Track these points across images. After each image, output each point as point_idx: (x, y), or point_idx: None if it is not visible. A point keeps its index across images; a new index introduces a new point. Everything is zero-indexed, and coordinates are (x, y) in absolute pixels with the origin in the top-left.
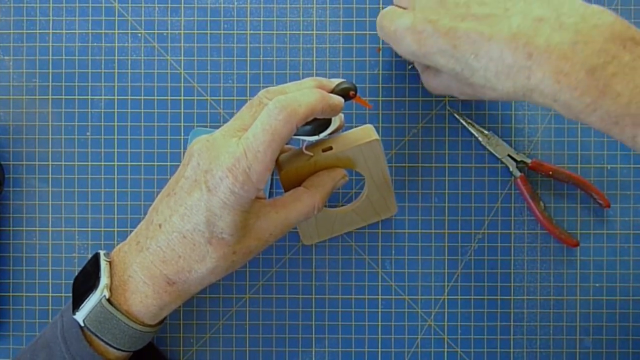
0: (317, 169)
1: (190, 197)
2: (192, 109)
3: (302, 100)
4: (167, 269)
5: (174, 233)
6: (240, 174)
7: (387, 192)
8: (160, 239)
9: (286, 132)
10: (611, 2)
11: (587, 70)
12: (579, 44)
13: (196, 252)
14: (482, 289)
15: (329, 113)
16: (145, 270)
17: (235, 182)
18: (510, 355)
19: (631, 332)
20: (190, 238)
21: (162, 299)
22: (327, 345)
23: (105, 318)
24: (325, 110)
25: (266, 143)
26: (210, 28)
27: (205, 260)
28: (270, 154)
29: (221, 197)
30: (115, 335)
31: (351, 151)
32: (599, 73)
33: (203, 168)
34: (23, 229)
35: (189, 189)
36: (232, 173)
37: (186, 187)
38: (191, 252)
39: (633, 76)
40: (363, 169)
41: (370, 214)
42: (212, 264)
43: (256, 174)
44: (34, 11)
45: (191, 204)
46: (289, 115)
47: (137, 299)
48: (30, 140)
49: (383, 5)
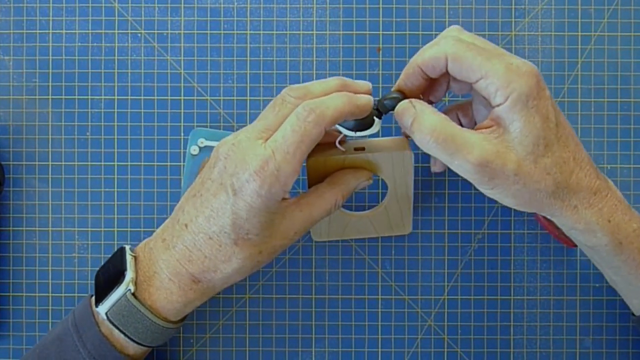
0: (344, 166)
1: (216, 199)
2: (192, 109)
3: (330, 104)
4: (193, 268)
5: (200, 234)
6: (268, 176)
7: (406, 208)
8: (187, 238)
9: (315, 134)
10: (611, 2)
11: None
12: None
13: (222, 252)
14: (482, 289)
15: (358, 114)
16: (171, 268)
17: (263, 184)
18: (510, 355)
19: (631, 332)
20: (216, 239)
21: (187, 296)
22: (327, 345)
23: (130, 312)
24: (354, 113)
25: (295, 144)
26: (210, 28)
27: (231, 261)
28: (299, 156)
29: (247, 200)
30: (137, 330)
31: (382, 156)
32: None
33: (229, 171)
34: (23, 229)
35: (215, 192)
36: (259, 176)
37: (212, 190)
38: (217, 252)
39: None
40: (388, 178)
41: (384, 226)
42: (238, 264)
43: (284, 176)
44: (34, 11)
45: (217, 207)
46: (318, 118)
47: (162, 295)
48: (30, 140)
49: (383, 5)
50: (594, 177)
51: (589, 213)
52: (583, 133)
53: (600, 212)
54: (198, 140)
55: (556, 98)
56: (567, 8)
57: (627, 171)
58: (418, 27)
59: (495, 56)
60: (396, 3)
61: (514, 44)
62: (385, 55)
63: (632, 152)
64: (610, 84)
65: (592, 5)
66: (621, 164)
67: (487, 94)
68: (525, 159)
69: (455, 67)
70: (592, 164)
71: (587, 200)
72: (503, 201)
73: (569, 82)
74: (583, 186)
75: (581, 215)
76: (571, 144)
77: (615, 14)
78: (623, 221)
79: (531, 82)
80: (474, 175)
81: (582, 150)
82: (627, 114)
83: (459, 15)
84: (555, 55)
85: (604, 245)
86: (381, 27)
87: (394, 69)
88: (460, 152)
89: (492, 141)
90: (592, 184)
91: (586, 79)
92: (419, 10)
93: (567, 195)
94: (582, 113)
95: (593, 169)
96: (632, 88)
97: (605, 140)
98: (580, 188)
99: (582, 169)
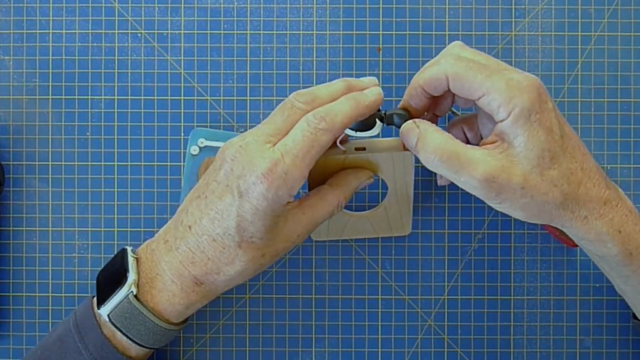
0: (344, 166)
1: (222, 201)
2: (192, 109)
3: (339, 110)
4: (196, 270)
5: (204, 236)
6: (275, 179)
7: (405, 209)
8: (190, 240)
9: (325, 141)
10: (611, 2)
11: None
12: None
13: (225, 255)
14: (482, 289)
15: (367, 115)
16: (174, 270)
17: (270, 187)
18: (510, 355)
19: (631, 332)
20: (220, 241)
21: (189, 298)
22: (327, 345)
23: (132, 314)
24: (363, 115)
25: (305, 149)
26: (210, 28)
27: (234, 263)
28: (308, 161)
29: (253, 203)
30: (139, 332)
31: (382, 156)
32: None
33: (236, 173)
34: (23, 229)
35: (220, 194)
36: (266, 178)
37: (217, 192)
38: (220, 255)
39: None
40: (389, 178)
41: (383, 227)
42: (241, 266)
43: (292, 180)
44: (34, 11)
45: (222, 209)
46: (329, 125)
47: (164, 297)
48: (30, 140)
49: (383, 5)
50: (603, 187)
51: (599, 224)
52: (583, 133)
53: (611, 223)
54: (198, 140)
55: (556, 98)
56: (567, 8)
57: (627, 171)
58: (418, 27)
59: (496, 72)
60: (396, 3)
61: (514, 44)
62: (385, 55)
63: (632, 152)
64: (610, 84)
65: (592, 5)
66: (621, 164)
67: (489, 111)
68: (531, 172)
69: (456, 86)
70: (601, 173)
71: (597, 210)
72: (512, 214)
73: (569, 82)
74: (592, 196)
75: (591, 226)
76: (578, 155)
77: (615, 14)
78: (634, 231)
79: (533, 96)
80: (481, 191)
81: (590, 160)
82: (627, 114)
83: (459, 15)
84: (555, 55)
85: (614, 255)
86: (381, 27)
87: (394, 69)
88: (466, 169)
89: (496, 156)
90: (601, 194)
91: (586, 79)
92: (419, 10)
93: (576, 206)
94: (582, 113)
95: (602, 178)
96: (632, 88)
97: (605, 140)
98: (590, 198)
99: (590, 179)
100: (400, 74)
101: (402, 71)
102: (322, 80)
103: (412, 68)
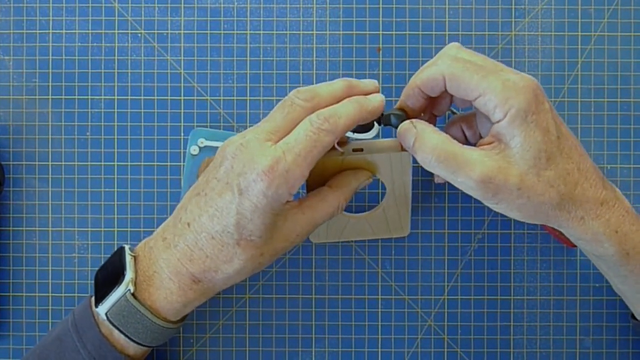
0: (342, 168)
1: (221, 198)
2: (192, 109)
3: (342, 112)
4: (194, 267)
5: (202, 233)
6: (276, 177)
7: (404, 210)
8: (189, 237)
9: (327, 142)
10: (611, 2)
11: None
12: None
13: (224, 252)
14: (482, 289)
15: (369, 119)
16: (172, 267)
17: (270, 184)
18: (510, 355)
19: (631, 332)
20: (219, 239)
21: (187, 296)
22: (327, 345)
23: (129, 312)
24: (365, 119)
25: (307, 149)
26: (210, 28)
27: (232, 261)
28: (310, 160)
29: (253, 201)
30: (137, 330)
31: (381, 157)
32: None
33: (236, 171)
34: (23, 229)
35: (220, 191)
36: (267, 176)
37: (217, 189)
38: (219, 252)
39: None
40: (387, 179)
41: (382, 228)
42: (240, 265)
43: (293, 178)
44: (34, 11)
45: (221, 206)
46: (332, 126)
47: (162, 294)
48: (30, 140)
49: (383, 5)
50: (600, 188)
51: (596, 224)
52: (583, 133)
53: (608, 223)
54: (198, 140)
55: (556, 98)
56: (567, 8)
57: (627, 171)
58: (418, 27)
59: (492, 73)
60: (396, 3)
61: (514, 44)
62: (385, 55)
63: (632, 152)
64: (610, 84)
65: (592, 5)
66: (621, 164)
67: (486, 111)
68: (528, 173)
69: (453, 86)
70: (598, 173)
71: (594, 211)
72: (509, 215)
73: (569, 82)
74: (589, 197)
75: (588, 226)
76: (575, 155)
77: (615, 14)
78: (631, 231)
79: (529, 97)
80: (478, 191)
81: (587, 161)
82: (627, 114)
83: (459, 15)
84: (555, 55)
85: (611, 255)
86: (381, 27)
87: (394, 69)
88: (463, 169)
89: (493, 157)
90: (598, 195)
91: (586, 79)
92: (419, 10)
93: (573, 206)
94: (582, 113)
95: (599, 179)
96: (632, 88)
97: (605, 140)
98: (586, 199)
99: (587, 179)
100: (400, 74)
101: (402, 71)
102: (322, 80)
103: (412, 68)
